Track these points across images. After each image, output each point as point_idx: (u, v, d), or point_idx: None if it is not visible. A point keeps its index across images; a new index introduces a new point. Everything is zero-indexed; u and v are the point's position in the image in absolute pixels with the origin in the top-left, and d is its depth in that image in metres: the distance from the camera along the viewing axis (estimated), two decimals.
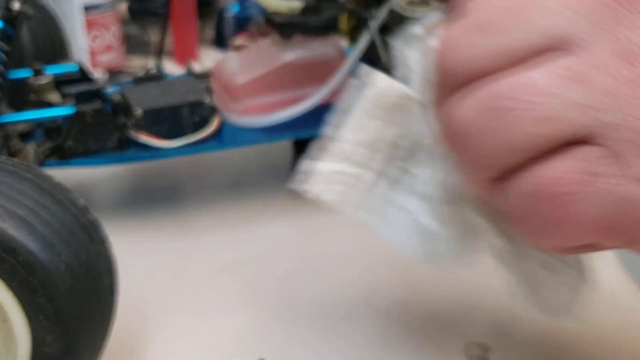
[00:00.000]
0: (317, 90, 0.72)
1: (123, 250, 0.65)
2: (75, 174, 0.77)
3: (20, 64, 0.77)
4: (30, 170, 0.48)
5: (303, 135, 0.71)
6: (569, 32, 0.33)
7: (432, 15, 0.49)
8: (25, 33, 0.76)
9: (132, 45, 1.13)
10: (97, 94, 0.72)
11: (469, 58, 0.35)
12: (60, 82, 0.72)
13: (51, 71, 0.72)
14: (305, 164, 0.49)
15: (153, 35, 1.11)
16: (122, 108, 0.69)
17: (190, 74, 0.77)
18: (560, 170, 0.34)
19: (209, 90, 0.70)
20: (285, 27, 0.71)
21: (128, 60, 1.10)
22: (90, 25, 1.00)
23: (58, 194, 0.47)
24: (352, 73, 0.77)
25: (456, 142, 0.37)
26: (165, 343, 0.57)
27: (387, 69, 0.73)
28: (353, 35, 0.86)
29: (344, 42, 0.86)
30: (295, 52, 0.72)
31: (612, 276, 0.66)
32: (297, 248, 0.68)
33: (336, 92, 0.73)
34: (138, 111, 0.66)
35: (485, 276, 0.65)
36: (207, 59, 0.78)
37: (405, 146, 0.46)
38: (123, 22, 1.07)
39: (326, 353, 0.56)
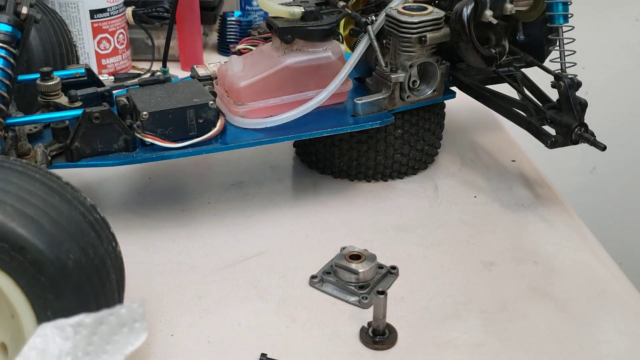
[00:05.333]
0: (317, 93, 0.73)
1: (129, 248, 0.67)
2: (83, 174, 0.78)
3: (29, 67, 0.78)
4: (39, 171, 0.49)
5: (304, 136, 0.72)
6: None
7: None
8: (33, 37, 0.77)
9: (137, 49, 1.14)
10: (103, 97, 0.73)
11: None
12: (67, 85, 0.73)
13: (59, 74, 0.73)
14: None
15: (158, 40, 1.12)
16: (128, 110, 0.70)
17: (194, 77, 0.78)
18: None
19: (212, 93, 0.71)
20: (286, 32, 0.72)
21: (133, 63, 1.11)
22: (96, 29, 1.02)
23: (66, 193, 0.48)
24: (351, 76, 0.78)
25: None
26: (169, 338, 0.58)
27: (385, 72, 0.75)
28: (352, 39, 0.87)
29: (343, 47, 0.87)
30: (296, 56, 0.73)
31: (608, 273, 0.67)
32: (298, 246, 0.70)
33: (336, 95, 0.74)
34: (144, 113, 0.67)
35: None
36: (211, 63, 0.79)
37: None
38: (128, 26, 1.09)
39: (326, 348, 0.57)
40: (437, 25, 0.73)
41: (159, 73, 0.76)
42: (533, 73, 0.79)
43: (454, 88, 0.82)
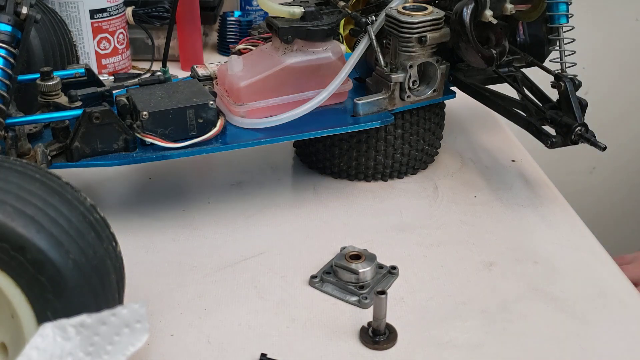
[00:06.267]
0: (317, 93, 0.73)
1: (129, 248, 0.67)
2: (83, 174, 0.78)
3: (29, 67, 0.78)
4: (39, 171, 0.49)
5: (304, 136, 0.72)
6: None
7: None
8: (33, 37, 0.77)
9: (137, 49, 1.14)
10: (103, 97, 0.73)
11: None
12: (67, 85, 0.73)
13: (59, 74, 0.73)
14: None
15: (158, 40, 1.12)
16: (128, 110, 0.70)
17: (194, 77, 0.78)
18: None
19: (212, 93, 0.71)
20: (286, 32, 0.72)
21: (133, 63, 1.11)
22: (96, 29, 1.02)
23: (66, 193, 0.48)
24: (351, 76, 0.78)
25: None
26: (169, 338, 0.58)
27: (385, 72, 0.75)
28: (352, 39, 0.87)
29: (343, 47, 0.87)
30: (296, 56, 0.73)
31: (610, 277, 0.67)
32: (298, 246, 0.70)
33: (336, 95, 0.74)
34: (144, 113, 0.67)
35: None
36: (211, 63, 0.79)
37: None
38: (128, 26, 1.09)
39: (326, 348, 0.57)
40: (437, 25, 0.73)
41: (159, 73, 0.76)
42: (533, 73, 0.79)
43: (454, 88, 0.82)
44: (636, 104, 1.65)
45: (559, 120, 0.71)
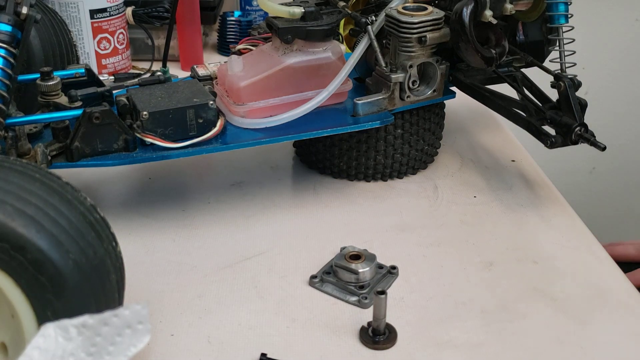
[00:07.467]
0: (317, 93, 0.73)
1: (129, 248, 0.67)
2: (83, 174, 0.78)
3: (29, 67, 0.78)
4: (39, 171, 0.49)
5: (304, 136, 0.72)
6: None
7: None
8: (33, 37, 0.77)
9: (137, 49, 1.14)
10: (103, 97, 0.73)
11: None
12: (67, 85, 0.73)
13: (59, 74, 0.73)
14: None
15: (158, 40, 1.12)
16: (128, 110, 0.70)
17: (194, 77, 0.78)
18: None
19: (212, 93, 0.71)
20: (286, 32, 0.72)
21: (133, 63, 1.11)
22: (96, 29, 1.02)
23: (66, 193, 0.48)
24: (351, 76, 0.78)
25: None
26: (170, 338, 0.58)
27: (384, 72, 0.75)
28: (352, 39, 0.87)
29: (343, 47, 0.87)
30: (296, 56, 0.73)
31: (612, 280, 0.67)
32: (298, 246, 0.70)
33: (336, 95, 0.74)
34: (144, 113, 0.67)
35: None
36: (211, 63, 0.79)
37: None
38: (128, 26, 1.09)
39: (326, 348, 0.57)
40: (437, 25, 0.73)
41: (159, 73, 0.76)
42: (533, 73, 0.79)
43: (454, 88, 0.82)
44: (636, 104, 1.65)
45: (558, 120, 0.71)
